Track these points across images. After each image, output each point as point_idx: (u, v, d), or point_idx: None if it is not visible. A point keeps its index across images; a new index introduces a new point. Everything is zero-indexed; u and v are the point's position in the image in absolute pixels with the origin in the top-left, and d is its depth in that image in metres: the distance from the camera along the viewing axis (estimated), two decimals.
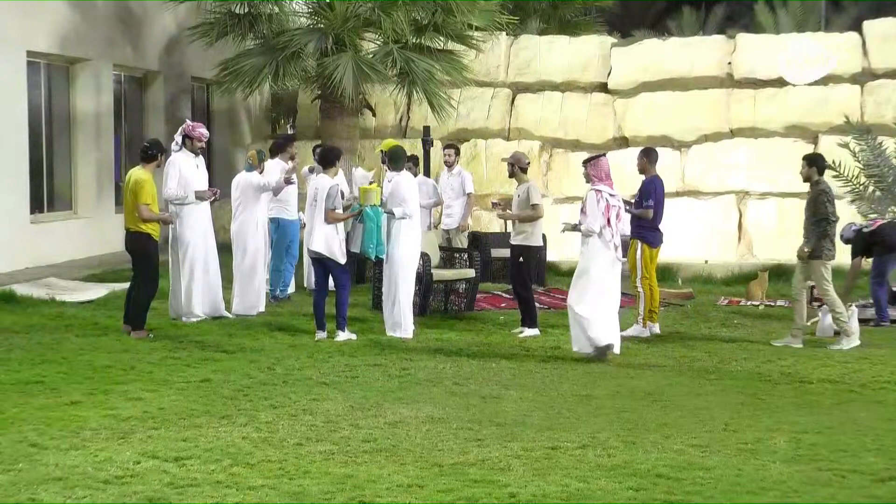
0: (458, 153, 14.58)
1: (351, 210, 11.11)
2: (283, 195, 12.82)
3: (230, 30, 16.83)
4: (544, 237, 12.33)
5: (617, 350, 10.12)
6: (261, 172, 12.54)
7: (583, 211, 10.25)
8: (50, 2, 16.09)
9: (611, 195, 10.19)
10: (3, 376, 8.81)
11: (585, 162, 10.53)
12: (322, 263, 11.01)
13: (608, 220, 10.06)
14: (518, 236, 11.39)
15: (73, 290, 13.49)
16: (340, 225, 10.98)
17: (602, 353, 10.01)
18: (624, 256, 10.53)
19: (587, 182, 10.43)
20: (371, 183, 13.36)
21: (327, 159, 11.19)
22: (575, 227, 10.35)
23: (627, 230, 10.87)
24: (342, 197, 11.13)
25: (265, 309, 12.44)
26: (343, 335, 10.83)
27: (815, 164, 11.10)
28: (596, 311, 9.98)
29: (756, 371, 9.66)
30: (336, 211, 10.87)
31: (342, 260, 10.94)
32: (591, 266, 10.10)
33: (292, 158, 13.40)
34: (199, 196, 11.53)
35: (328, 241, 10.82)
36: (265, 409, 7.83)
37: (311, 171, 13.20)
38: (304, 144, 18.41)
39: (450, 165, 14.47)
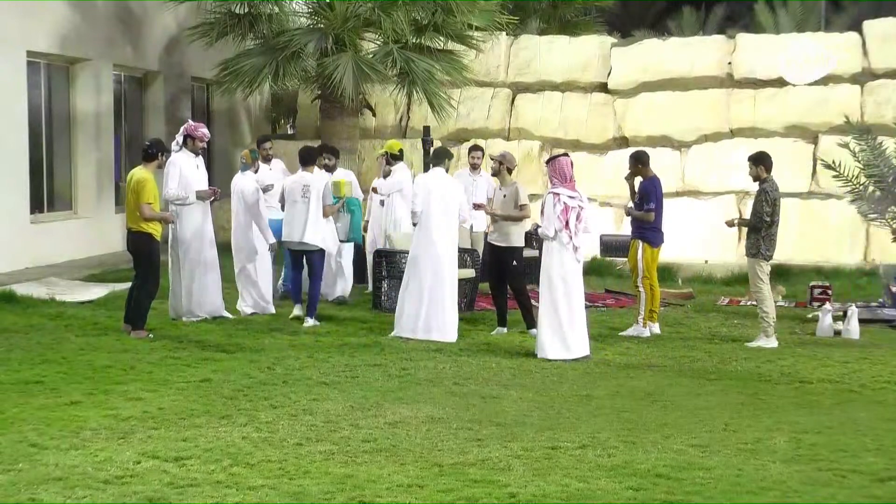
0: (483, 155, 14.31)
1: (333, 202, 11.84)
2: (268, 196, 12.58)
3: (230, 30, 16.85)
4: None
5: (587, 352, 10.13)
6: (255, 171, 12.48)
7: (542, 213, 10.29)
8: (50, 2, 16.09)
9: (570, 197, 10.14)
10: (3, 376, 8.81)
11: (546, 162, 10.51)
12: (301, 255, 11.75)
13: (566, 223, 10.06)
14: (504, 237, 11.18)
15: (73, 290, 13.49)
16: (331, 218, 11.87)
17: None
18: (623, 257, 10.52)
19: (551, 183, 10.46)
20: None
21: (311, 157, 11.86)
22: (536, 230, 10.43)
23: (591, 230, 10.73)
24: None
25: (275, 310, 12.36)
26: (312, 321, 11.49)
27: (761, 162, 11.04)
28: (556, 321, 10.02)
29: (756, 371, 9.66)
30: (331, 205, 11.75)
31: (334, 250, 12.18)
32: (550, 268, 10.14)
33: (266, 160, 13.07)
34: (200, 196, 11.52)
35: (325, 234, 11.71)
36: (265, 409, 7.83)
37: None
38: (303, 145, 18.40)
39: (476, 168, 14.07)
